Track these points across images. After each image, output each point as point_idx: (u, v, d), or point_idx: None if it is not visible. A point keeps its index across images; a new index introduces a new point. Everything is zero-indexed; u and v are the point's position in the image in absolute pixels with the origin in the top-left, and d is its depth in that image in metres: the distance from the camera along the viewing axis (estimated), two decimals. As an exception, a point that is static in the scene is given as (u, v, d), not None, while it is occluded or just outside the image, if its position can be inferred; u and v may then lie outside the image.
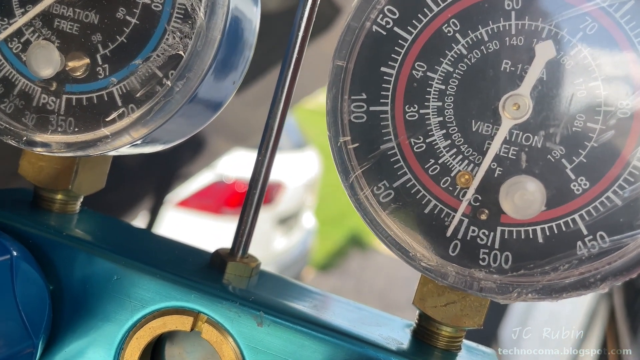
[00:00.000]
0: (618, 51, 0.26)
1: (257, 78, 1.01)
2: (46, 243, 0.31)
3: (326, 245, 5.82)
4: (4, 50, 0.32)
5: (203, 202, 3.20)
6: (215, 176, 3.25)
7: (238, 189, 3.28)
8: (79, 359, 0.31)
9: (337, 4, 1.27)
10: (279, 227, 3.75)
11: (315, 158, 4.39)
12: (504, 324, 5.86)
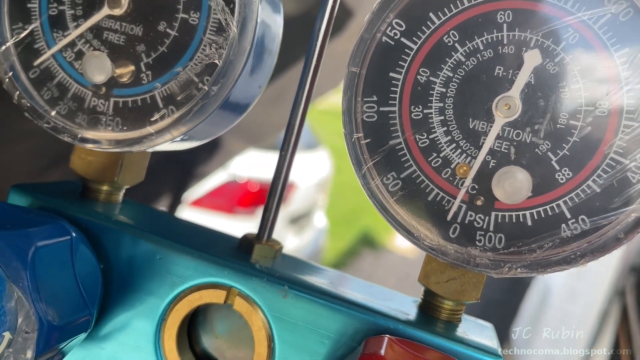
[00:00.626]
0: (596, 58, 0.30)
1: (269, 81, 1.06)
2: (96, 227, 0.36)
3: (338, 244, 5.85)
4: (59, 59, 0.36)
5: (216, 201, 3.24)
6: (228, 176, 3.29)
7: (251, 188, 3.32)
8: (125, 329, 0.35)
9: (350, 8, 1.31)
10: (291, 227, 3.79)
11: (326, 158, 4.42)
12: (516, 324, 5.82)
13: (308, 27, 0.44)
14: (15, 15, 0.36)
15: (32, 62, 0.36)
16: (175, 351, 0.34)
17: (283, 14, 0.84)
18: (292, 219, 3.96)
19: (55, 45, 0.36)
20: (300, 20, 1.06)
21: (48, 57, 0.36)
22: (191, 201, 2.83)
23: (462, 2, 0.31)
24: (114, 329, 0.35)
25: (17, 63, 0.36)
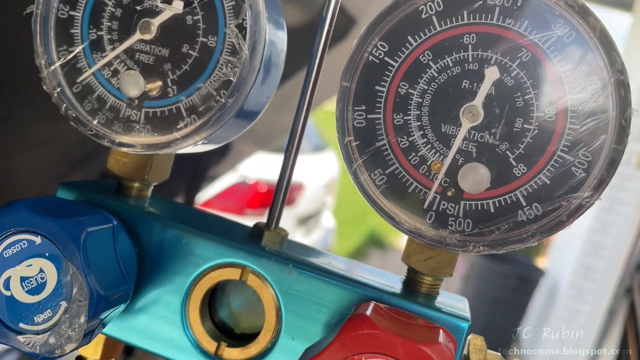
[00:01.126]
0: (545, 72, 0.36)
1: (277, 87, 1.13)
2: (131, 218, 0.42)
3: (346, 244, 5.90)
4: (98, 76, 0.43)
5: (226, 203, 3.31)
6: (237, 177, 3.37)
7: (260, 189, 3.38)
8: (156, 303, 0.42)
9: (352, 16, 1.38)
10: (300, 227, 3.85)
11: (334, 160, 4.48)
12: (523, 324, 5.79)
13: (311, 36, 0.50)
14: (60, 40, 0.43)
15: (75, 79, 0.43)
16: (199, 320, 0.41)
17: (289, 25, 0.91)
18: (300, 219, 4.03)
19: (95, 65, 0.43)
20: (304, 30, 1.13)
21: (89, 75, 0.43)
22: (201, 202, 2.90)
23: (434, 27, 0.38)
24: (147, 303, 0.42)
25: (63, 80, 0.43)
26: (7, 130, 0.93)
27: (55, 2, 0.43)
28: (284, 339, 0.40)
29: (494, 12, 0.37)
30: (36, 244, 0.36)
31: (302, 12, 1.11)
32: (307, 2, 1.06)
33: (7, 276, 0.37)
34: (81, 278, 0.36)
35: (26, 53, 0.77)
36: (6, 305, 0.37)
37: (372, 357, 0.32)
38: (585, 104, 0.35)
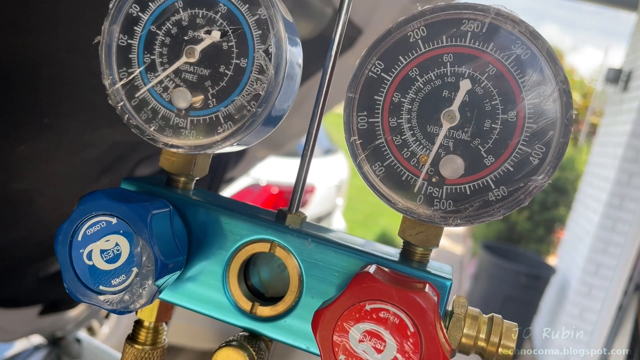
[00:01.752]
0: (507, 83, 0.46)
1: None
2: (182, 204, 0.53)
3: (357, 245, 5.92)
4: (152, 92, 0.53)
5: (240, 204, 3.39)
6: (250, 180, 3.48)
7: (273, 191, 3.49)
8: (203, 272, 0.52)
9: (359, 26, 1.49)
10: (311, 228, 3.92)
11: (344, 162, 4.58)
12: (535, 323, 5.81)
13: (321, 46, 0.60)
14: (121, 64, 0.54)
15: (134, 95, 0.53)
16: (237, 285, 0.51)
17: (302, 36, 1.03)
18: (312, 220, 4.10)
19: (149, 83, 0.53)
20: (315, 41, 1.24)
21: (144, 91, 0.53)
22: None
23: (420, 48, 0.48)
24: (195, 273, 0.53)
25: (124, 96, 0.53)
26: (50, 138, 1.05)
27: (116, 32, 0.53)
28: (305, 298, 0.50)
29: (466, 36, 0.47)
30: (113, 224, 0.47)
31: (313, 25, 1.21)
32: (318, 17, 1.16)
33: (89, 249, 0.47)
34: (149, 249, 0.46)
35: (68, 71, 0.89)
36: (89, 272, 0.47)
37: (373, 302, 0.42)
38: (538, 107, 0.45)
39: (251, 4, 0.50)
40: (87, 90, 0.96)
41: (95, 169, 1.30)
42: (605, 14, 12.20)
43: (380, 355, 0.42)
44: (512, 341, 0.48)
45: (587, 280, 5.33)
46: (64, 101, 0.98)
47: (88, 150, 1.20)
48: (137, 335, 0.58)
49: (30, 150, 1.04)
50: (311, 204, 4.07)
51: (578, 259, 5.59)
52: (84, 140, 1.14)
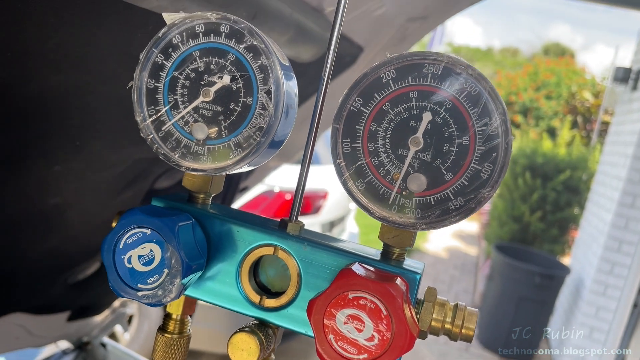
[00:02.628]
0: (461, 114, 0.57)
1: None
2: (201, 217, 0.64)
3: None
4: (175, 126, 0.65)
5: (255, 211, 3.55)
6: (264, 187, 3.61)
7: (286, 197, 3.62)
8: (219, 272, 0.64)
9: (360, 45, 1.61)
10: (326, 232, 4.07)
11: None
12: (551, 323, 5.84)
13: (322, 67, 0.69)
14: (150, 103, 0.66)
15: (161, 128, 0.65)
16: (247, 282, 0.63)
17: (305, 60, 1.14)
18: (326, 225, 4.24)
19: (173, 119, 0.65)
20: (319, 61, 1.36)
21: (169, 125, 0.65)
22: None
23: (390, 87, 0.59)
24: (214, 273, 0.64)
25: (153, 130, 0.65)
26: (81, 158, 1.18)
27: (145, 78, 0.65)
28: (303, 291, 0.61)
29: (427, 77, 0.58)
30: (147, 234, 0.59)
31: (316, 49, 1.33)
32: (319, 42, 1.27)
33: (129, 255, 0.59)
34: (176, 254, 0.58)
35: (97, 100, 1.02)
36: (129, 274, 0.59)
37: (354, 292, 0.53)
38: (485, 133, 0.56)
39: (254, 54, 0.61)
40: (114, 115, 1.09)
41: (120, 183, 1.43)
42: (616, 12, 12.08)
43: (361, 334, 0.53)
44: (472, 323, 0.59)
45: (602, 279, 5.35)
46: (93, 125, 1.11)
47: (113, 167, 1.34)
48: (167, 326, 0.70)
49: (64, 169, 1.17)
50: (324, 209, 4.18)
51: (592, 258, 5.61)
52: (110, 158, 1.28)
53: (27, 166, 1.07)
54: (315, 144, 0.67)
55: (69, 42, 0.80)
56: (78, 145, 1.13)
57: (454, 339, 0.60)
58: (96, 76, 0.94)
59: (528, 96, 11.28)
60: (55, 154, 1.10)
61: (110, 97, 1.02)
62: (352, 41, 1.54)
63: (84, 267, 1.80)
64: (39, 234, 1.39)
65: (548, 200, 6.99)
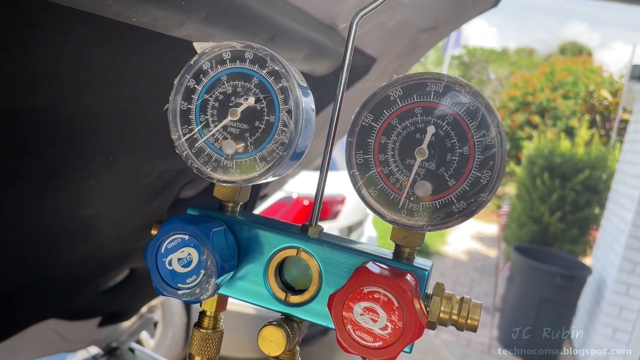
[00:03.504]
0: (461, 126, 0.64)
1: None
2: (231, 223, 0.72)
3: (389, 252, 6.05)
4: (207, 143, 0.73)
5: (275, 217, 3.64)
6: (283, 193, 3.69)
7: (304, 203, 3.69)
8: (249, 272, 0.71)
9: (373, 56, 1.68)
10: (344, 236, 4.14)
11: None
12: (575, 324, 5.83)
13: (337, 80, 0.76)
14: (183, 123, 0.74)
15: (194, 145, 0.73)
16: (274, 281, 0.70)
17: (325, 71, 1.22)
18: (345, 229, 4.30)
19: (205, 136, 0.73)
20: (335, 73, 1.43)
21: (201, 142, 0.73)
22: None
23: (398, 104, 0.66)
24: (244, 273, 0.72)
25: (187, 147, 0.73)
26: (113, 171, 1.27)
27: (179, 100, 0.73)
28: (324, 288, 0.69)
29: (430, 94, 0.65)
30: (185, 239, 0.66)
31: (331, 63, 1.40)
32: (334, 56, 1.35)
33: (170, 258, 0.67)
34: (211, 256, 0.66)
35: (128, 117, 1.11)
36: (170, 275, 0.67)
37: (369, 287, 0.60)
38: (483, 143, 0.63)
39: (276, 77, 0.69)
40: (143, 131, 1.17)
41: (148, 194, 1.52)
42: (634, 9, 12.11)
43: (376, 324, 0.60)
44: (477, 314, 0.66)
45: (624, 279, 5.31)
46: (124, 141, 1.20)
47: (142, 179, 1.43)
48: (202, 322, 0.77)
49: (98, 182, 1.26)
50: (342, 214, 4.24)
51: (613, 257, 5.57)
52: (139, 170, 1.36)
53: (64, 179, 1.16)
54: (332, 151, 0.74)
55: (106, 67, 0.89)
56: (110, 160, 1.22)
57: (460, 329, 0.66)
58: (127, 96, 1.03)
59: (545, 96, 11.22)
60: (90, 168, 1.19)
61: (139, 114, 1.10)
62: (365, 53, 1.62)
63: (113, 274, 1.89)
64: (73, 243, 1.48)
65: (567, 200, 6.96)
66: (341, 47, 1.34)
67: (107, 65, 0.90)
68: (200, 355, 0.76)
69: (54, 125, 0.98)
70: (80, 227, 1.42)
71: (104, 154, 1.19)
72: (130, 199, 1.49)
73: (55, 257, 1.46)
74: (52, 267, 1.49)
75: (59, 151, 1.07)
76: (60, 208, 1.25)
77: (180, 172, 1.52)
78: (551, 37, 68.88)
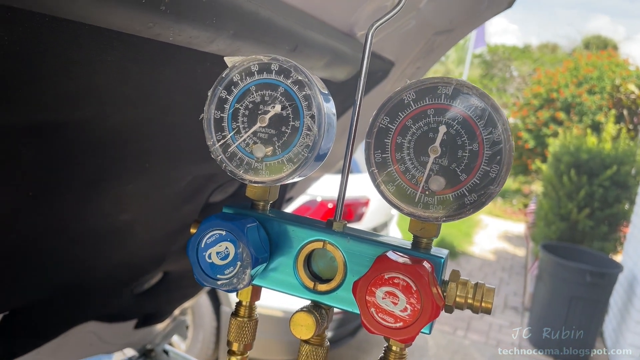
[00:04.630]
0: (470, 125, 0.70)
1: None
2: (263, 220, 0.79)
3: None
4: (239, 147, 0.80)
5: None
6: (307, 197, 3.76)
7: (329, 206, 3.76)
8: (280, 264, 0.78)
9: (391, 60, 1.74)
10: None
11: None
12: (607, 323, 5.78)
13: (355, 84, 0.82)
14: (217, 130, 0.81)
15: (227, 150, 0.80)
16: (303, 271, 0.77)
17: (345, 77, 1.30)
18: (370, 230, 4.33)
19: (237, 142, 0.80)
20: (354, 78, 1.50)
21: (233, 147, 0.80)
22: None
23: (411, 106, 0.72)
24: (275, 265, 0.79)
25: (221, 152, 0.81)
26: (148, 178, 1.35)
27: (213, 110, 0.81)
28: (349, 276, 0.75)
29: (441, 97, 0.71)
30: (223, 235, 0.74)
31: (350, 68, 1.47)
32: (353, 62, 1.41)
33: (209, 252, 0.74)
34: (247, 249, 0.73)
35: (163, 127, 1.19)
36: (210, 267, 0.74)
37: (389, 273, 0.66)
38: (491, 139, 0.69)
39: (300, 86, 0.76)
40: (176, 139, 1.26)
41: (180, 198, 1.61)
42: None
43: (396, 307, 0.66)
44: (490, 298, 0.71)
45: (657, 275, 5.22)
46: (159, 149, 1.28)
47: (174, 184, 1.51)
48: (239, 312, 0.85)
49: (135, 188, 1.35)
50: (367, 216, 4.29)
51: (644, 253, 5.48)
52: (171, 176, 1.45)
53: (105, 187, 1.24)
54: (354, 154, 0.80)
55: (144, 82, 0.97)
56: (147, 167, 1.31)
57: (475, 311, 0.72)
58: (163, 107, 1.11)
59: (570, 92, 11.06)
60: (128, 175, 1.27)
61: (172, 124, 1.19)
62: (384, 58, 1.68)
63: (148, 278, 1.99)
64: (111, 247, 1.57)
65: (595, 196, 6.87)
66: (359, 53, 1.40)
67: (145, 80, 0.98)
68: (237, 341, 0.83)
69: (97, 136, 1.06)
70: (118, 232, 1.51)
71: (140, 162, 1.27)
72: (164, 204, 1.58)
73: (95, 261, 1.55)
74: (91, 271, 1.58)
75: (100, 160, 1.15)
76: (100, 213, 1.34)
77: (210, 178, 1.60)
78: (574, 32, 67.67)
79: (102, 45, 0.78)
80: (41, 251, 1.28)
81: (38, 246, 1.26)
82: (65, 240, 1.34)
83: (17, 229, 1.13)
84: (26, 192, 1.06)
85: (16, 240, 1.16)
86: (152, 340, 2.49)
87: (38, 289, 1.45)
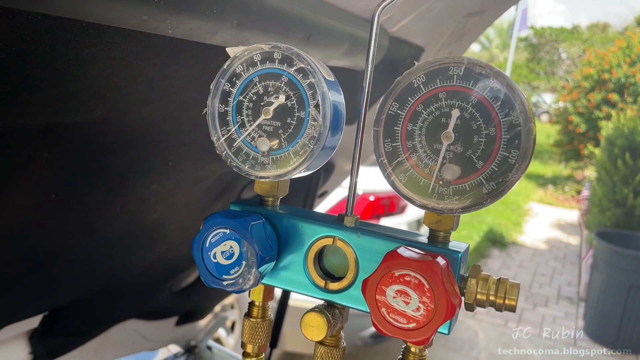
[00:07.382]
0: (485, 108, 0.64)
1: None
2: (271, 217, 0.76)
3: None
4: (244, 141, 0.77)
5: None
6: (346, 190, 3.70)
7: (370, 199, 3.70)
8: (290, 262, 0.75)
9: (420, 46, 1.67)
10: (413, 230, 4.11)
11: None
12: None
13: (383, 70, 0.78)
14: (221, 124, 0.78)
15: (232, 145, 0.77)
16: (313, 269, 0.73)
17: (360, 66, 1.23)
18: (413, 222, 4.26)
19: (242, 136, 0.77)
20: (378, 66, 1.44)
21: (238, 141, 0.77)
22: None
23: (422, 90, 0.67)
24: (285, 263, 0.75)
25: (226, 147, 0.78)
26: (173, 176, 1.34)
27: (216, 104, 0.78)
28: (361, 274, 0.71)
29: (453, 78, 0.65)
30: (227, 233, 0.71)
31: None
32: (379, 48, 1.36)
33: (214, 252, 0.71)
34: (251, 248, 0.69)
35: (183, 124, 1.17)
36: (215, 267, 0.72)
37: (399, 270, 0.61)
38: (508, 122, 0.63)
39: (303, 74, 0.72)
40: (198, 136, 1.24)
41: (209, 196, 1.60)
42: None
43: (409, 306, 0.62)
44: (514, 294, 0.65)
45: None
46: (181, 147, 1.27)
47: (202, 183, 1.50)
48: (252, 312, 0.82)
49: (160, 187, 1.34)
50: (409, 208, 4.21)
51: None
52: (198, 174, 1.44)
53: (128, 187, 1.24)
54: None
55: (154, 78, 0.95)
56: (170, 165, 1.30)
57: (498, 309, 0.66)
58: (179, 104, 1.09)
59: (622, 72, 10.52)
60: (152, 174, 1.27)
61: (192, 120, 1.17)
62: (412, 43, 1.61)
63: (185, 275, 2.00)
64: (144, 247, 1.58)
65: (653, 180, 6.51)
66: (382, 38, 1.35)
67: (156, 77, 0.96)
68: (251, 343, 0.80)
69: (117, 135, 1.05)
70: (148, 231, 1.51)
71: (163, 160, 1.26)
72: (193, 202, 1.57)
73: (128, 260, 1.56)
74: (126, 271, 1.59)
75: (123, 159, 1.15)
76: (127, 213, 1.34)
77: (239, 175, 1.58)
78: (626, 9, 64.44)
79: (104, 42, 0.76)
80: (73, 251, 1.29)
81: (70, 247, 1.27)
82: (98, 239, 1.35)
83: (47, 230, 1.14)
84: (49, 194, 1.06)
85: (47, 242, 1.18)
86: (195, 336, 2.51)
87: (74, 289, 1.47)
